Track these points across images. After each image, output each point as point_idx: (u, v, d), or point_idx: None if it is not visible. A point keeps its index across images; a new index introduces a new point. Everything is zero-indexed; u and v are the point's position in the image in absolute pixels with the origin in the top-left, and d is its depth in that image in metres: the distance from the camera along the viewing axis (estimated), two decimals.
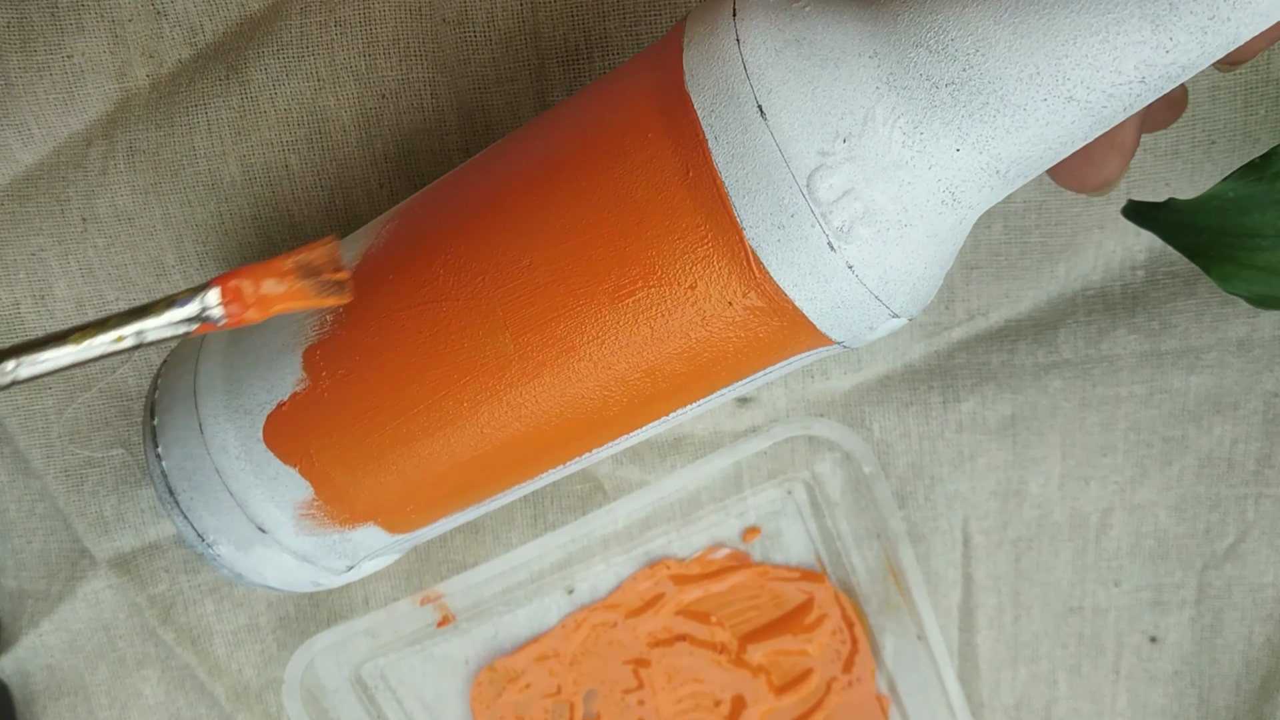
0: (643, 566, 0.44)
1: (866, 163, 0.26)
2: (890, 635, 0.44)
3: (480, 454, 0.31)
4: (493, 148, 0.32)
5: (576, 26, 0.38)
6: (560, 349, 0.29)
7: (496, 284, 0.29)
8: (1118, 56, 0.24)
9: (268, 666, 0.44)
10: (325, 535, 0.33)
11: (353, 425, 0.31)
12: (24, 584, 0.44)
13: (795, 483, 0.44)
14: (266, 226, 0.40)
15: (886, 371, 0.43)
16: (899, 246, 0.27)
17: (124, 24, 0.38)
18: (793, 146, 0.26)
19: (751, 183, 0.26)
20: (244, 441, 0.32)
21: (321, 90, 0.38)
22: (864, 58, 0.26)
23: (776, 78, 0.26)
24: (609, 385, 0.29)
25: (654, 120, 0.28)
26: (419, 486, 0.32)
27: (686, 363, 0.29)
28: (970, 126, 0.26)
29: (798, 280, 0.27)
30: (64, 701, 0.45)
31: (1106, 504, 0.43)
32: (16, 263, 0.40)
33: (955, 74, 0.25)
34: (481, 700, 0.45)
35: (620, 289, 0.28)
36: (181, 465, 0.33)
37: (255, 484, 0.32)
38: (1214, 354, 0.41)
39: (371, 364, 0.31)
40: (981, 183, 0.27)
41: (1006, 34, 0.25)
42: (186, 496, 0.33)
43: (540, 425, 0.30)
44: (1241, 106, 0.39)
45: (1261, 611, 0.43)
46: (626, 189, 0.28)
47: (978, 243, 0.40)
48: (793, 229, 0.26)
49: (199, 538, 0.33)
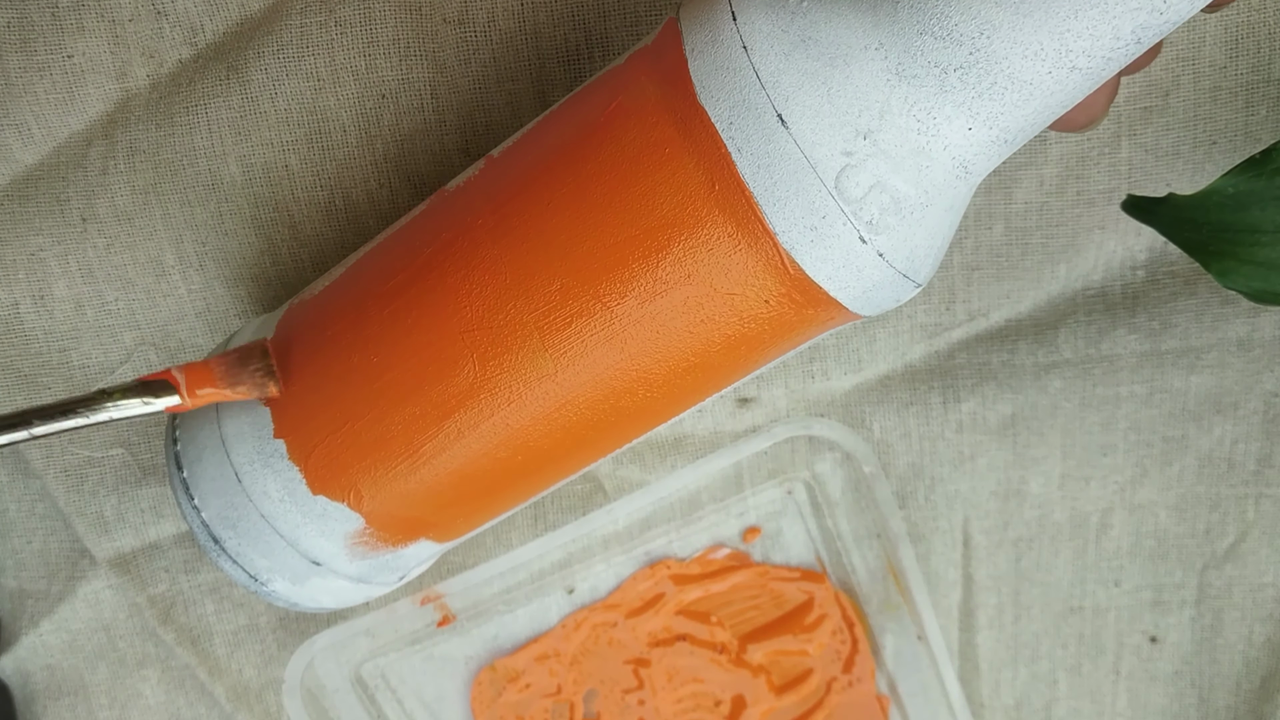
0: (643, 566, 0.44)
1: (888, 155, 0.27)
2: (890, 635, 0.44)
3: (528, 462, 0.32)
4: (491, 166, 0.31)
5: (577, 26, 0.38)
6: (601, 362, 0.29)
7: (529, 309, 0.29)
8: (1116, 24, 0.25)
9: (268, 666, 0.44)
10: (379, 556, 0.34)
11: (400, 455, 0.31)
12: (24, 584, 0.44)
13: (795, 483, 0.44)
14: (266, 226, 0.40)
15: (887, 371, 0.43)
16: (922, 226, 0.28)
17: (124, 24, 0.38)
18: (818, 151, 0.26)
19: (781, 190, 0.27)
20: (286, 484, 0.32)
21: (321, 90, 0.38)
22: (870, 50, 0.26)
23: (791, 83, 0.27)
24: (650, 386, 0.30)
25: (671, 136, 0.28)
26: (470, 501, 0.33)
27: (725, 355, 0.30)
28: (980, 105, 0.26)
29: (832, 274, 0.28)
30: (64, 701, 0.45)
31: (1107, 504, 0.43)
32: (16, 263, 0.40)
33: (963, 58, 0.26)
34: (481, 700, 0.45)
35: (657, 298, 0.28)
36: (223, 515, 0.33)
37: (303, 523, 0.32)
38: (1214, 354, 0.41)
39: (417, 396, 0.31)
40: (991, 152, 0.27)
41: (1009, 15, 0.25)
42: (234, 544, 0.33)
43: (584, 429, 0.31)
44: (1243, 107, 0.39)
45: (1261, 611, 0.43)
46: (653, 207, 0.28)
47: (979, 244, 0.40)
48: (825, 229, 0.27)
49: (251, 579, 0.33)
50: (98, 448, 0.42)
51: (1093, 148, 0.39)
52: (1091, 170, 0.39)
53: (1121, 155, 0.39)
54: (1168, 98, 0.39)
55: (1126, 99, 0.39)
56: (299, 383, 0.32)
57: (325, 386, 0.31)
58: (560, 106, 0.31)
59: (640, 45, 0.30)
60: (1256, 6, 0.38)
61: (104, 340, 0.41)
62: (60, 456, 0.42)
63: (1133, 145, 0.39)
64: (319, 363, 0.32)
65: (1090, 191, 0.40)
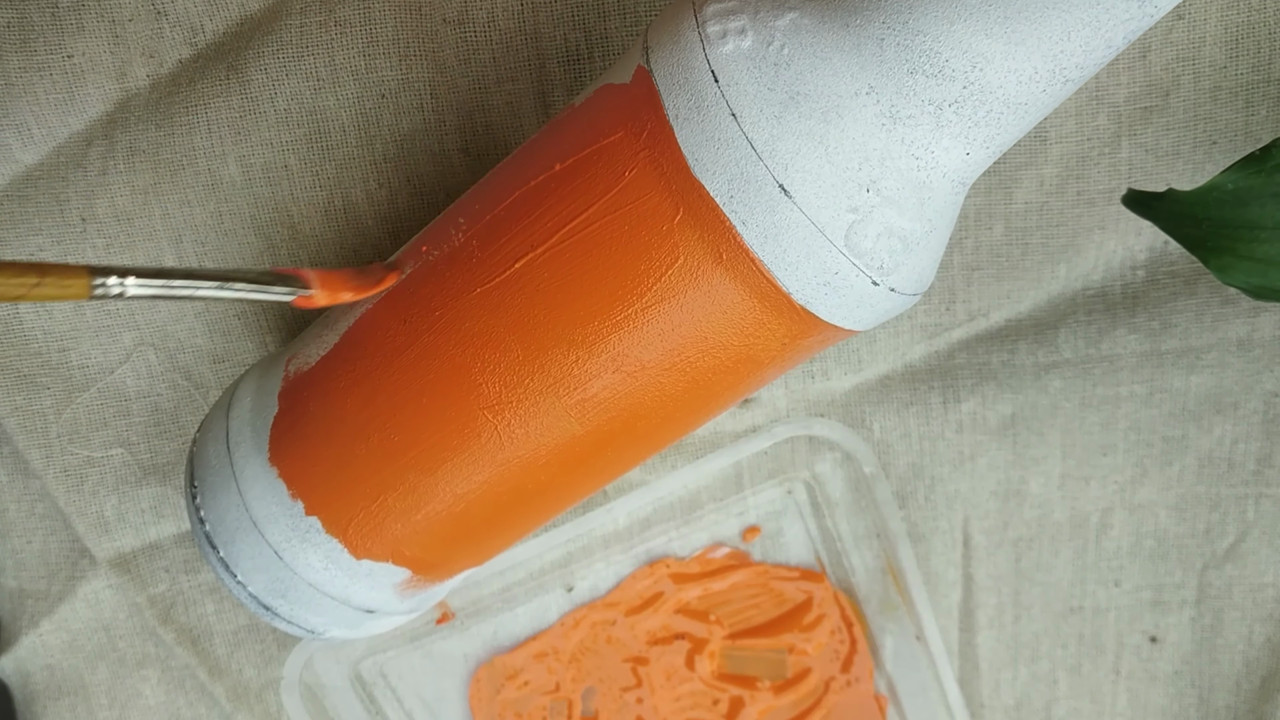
0: (642, 565, 0.44)
1: (893, 200, 0.26)
2: (889, 635, 0.44)
3: (560, 496, 0.33)
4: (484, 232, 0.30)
5: (577, 26, 0.38)
6: (624, 415, 0.30)
7: (546, 385, 0.29)
8: (1109, 35, 0.25)
9: (268, 666, 0.44)
10: (428, 590, 0.35)
11: (434, 517, 0.32)
12: (24, 584, 0.44)
13: (795, 482, 0.44)
14: (266, 227, 0.40)
15: (887, 372, 0.43)
16: (928, 251, 0.28)
17: (124, 24, 0.38)
18: (824, 215, 0.26)
19: (790, 257, 0.26)
20: (328, 555, 0.32)
21: (321, 90, 0.38)
22: (861, 96, 0.26)
23: (788, 149, 0.26)
24: (670, 423, 0.31)
25: (668, 210, 0.27)
26: (506, 535, 0.34)
27: (735, 384, 0.30)
28: (977, 132, 0.26)
29: (847, 314, 0.28)
30: (64, 701, 0.45)
31: (1107, 504, 0.43)
32: None
33: (956, 93, 0.25)
34: (480, 697, 0.45)
35: (675, 358, 0.29)
36: (271, 588, 0.33)
37: (352, 583, 0.33)
38: (1214, 354, 0.41)
39: (447, 468, 0.31)
40: (986, 164, 0.27)
41: (1001, 45, 0.24)
42: (286, 609, 0.33)
43: (607, 468, 0.32)
44: (1243, 107, 0.39)
45: (1261, 611, 0.43)
46: (660, 280, 0.27)
47: (979, 244, 0.40)
48: (838, 283, 0.27)
49: (308, 632, 0.34)
50: (98, 448, 0.42)
51: (1093, 148, 0.39)
52: (1091, 170, 0.39)
53: (1122, 155, 0.39)
54: (1168, 98, 0.39)
55: (1126, 99, 0.39)
56: (320, 460, 0.32)
57: (350, 463, 0.31)
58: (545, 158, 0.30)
59: (608, 81, 0.29)
60: (1256, 6, 0.37)
61: (103, 340, 0.41)
62: (60, 456, 0.42)
63: (1133, 145, 0.39)
64: (338, 441, 0.32)
65: (1090, 191, 0.40)
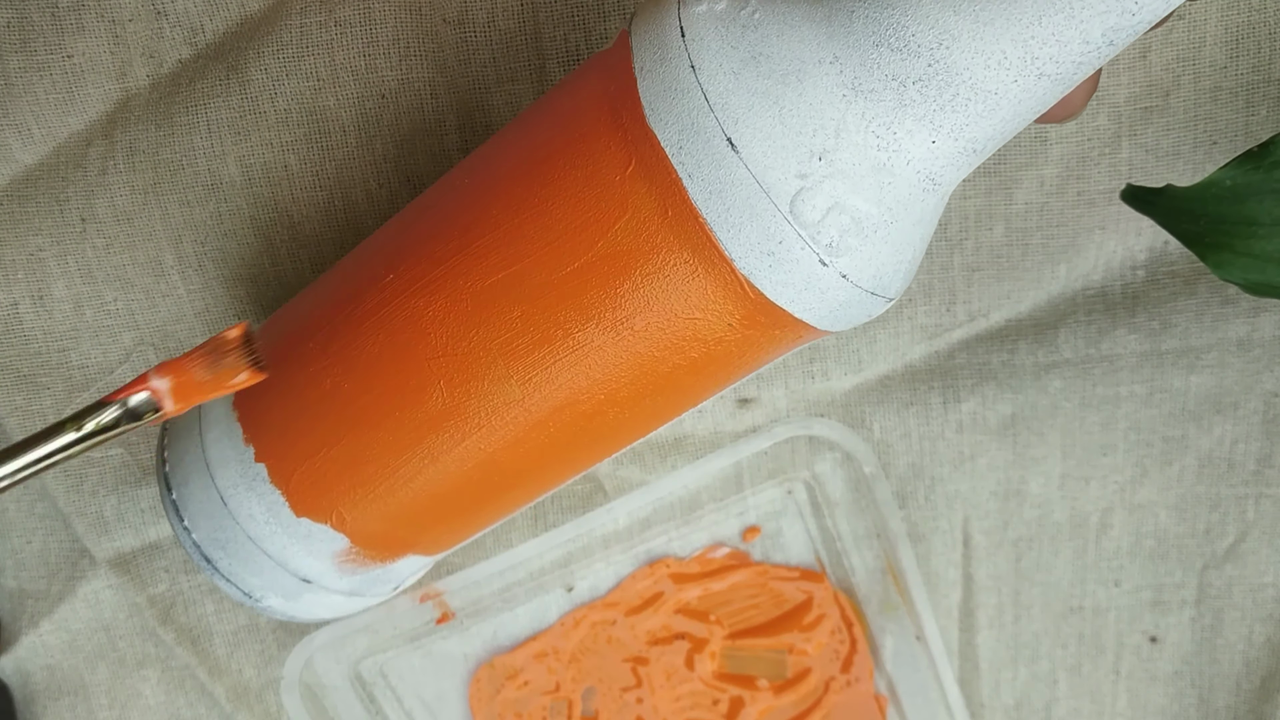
0: (642, 565, 0.44)
1: (846, 175, 0.26)
2: (889, 635, 0.44)
3: (505, 482, 0.32)
4: (453, 186, 0.31)
5: (577, 26, 0.38)
6: (567, 386, 0.29)
7: (492, 336, 0.29)
8: (1084, 28, 0.24)
9: (268, 666, 0.44)
10: (369, 571, 0.34)
11: (377, 478, 0.31)
12: (24, 584, 0.44)
13: (795, 483, 0.44)
14: (266, 227, 0.40)
15: (887, 372, 0.43)
16: (887, 243, 0.27)
17: (124, 24, 0.38)
18: (770, 175, 0.25)
19: (734, 216, 0.26)
20: (270, 508, 0.32)
21: (321, 90, 0.38)
22: (824, 64, 0.25)
23: (741, 104, 0.25)
24: (620, 407, 0.30)
25: (621, 160, 0.27)
26: (450, 519, 0.33)
27: (693, 375, 0.29)
28: (943, 118, 0.25)
29: (794, 297, 0.27)
30: (64, 701, 0.45)
31: (1107, 504, 0.43)
32: (15, 263, 0.40)
33: (921, 70, 0.25)
34: (480, 697, 0.45)
35: (619, 324, 0.28)
36: (213, 536, 0.33)
37: (290, 543, 0.33)
38: (1214, 354, 0.41)
39: (390, 421, 0.31)
40: (960, 163, 0.26)
41: (968, 23, 0.24)
42: (225, 564, 0.33)
43: (558, 450, 0.31)
44: (1243, 107, 0.39)
45: (1261, 611, 0.43)
46: (607, 234, 0.27)
47: (979, 244, 0.40)
48: (782, 254, 0.26)
49: (246, 595, 0.34)
50: (97, 448, 0.42)
51: (1093, 148, 0.39)
52: (1092, 170, 0.39)
53: (1122, 155, 0.39)
54: (1168, 98, 0.39)
55: (1126, 99, 0.39)
56: (274, 407, 0.32)
57: (302, 411, 0.31)
58: (521, 120, 0.30)
59: (602, 51, 0.29)
60: (1257, 6, 0.37)
61: (103, 340, 0.41)
62: None
63: (1133, 145, 0.39)
64: (294, 389, 0.32)
65: (1090, 191, 0.40)
